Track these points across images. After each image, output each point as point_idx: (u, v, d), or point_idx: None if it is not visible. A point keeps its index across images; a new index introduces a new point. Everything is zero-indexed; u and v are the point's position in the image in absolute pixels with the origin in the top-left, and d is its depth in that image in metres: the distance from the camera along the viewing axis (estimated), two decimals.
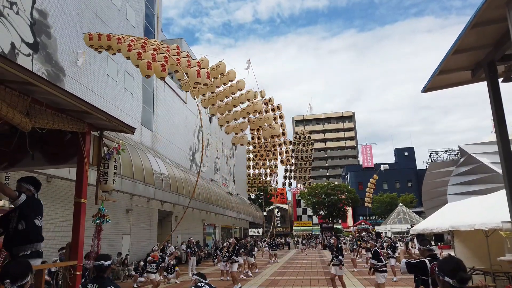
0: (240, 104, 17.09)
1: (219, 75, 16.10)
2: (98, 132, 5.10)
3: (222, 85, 16.43)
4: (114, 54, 14.25)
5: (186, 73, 12.84)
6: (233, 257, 14.74)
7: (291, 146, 40.67)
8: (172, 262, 15.63)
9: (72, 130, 4.45)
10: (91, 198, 5.07)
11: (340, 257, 11.21)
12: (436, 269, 2.70)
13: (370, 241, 12.85)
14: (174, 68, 12.88)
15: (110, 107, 17.80)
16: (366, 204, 47.72)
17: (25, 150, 4.69)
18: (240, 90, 16.59)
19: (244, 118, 17.48)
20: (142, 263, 15.79)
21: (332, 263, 11.39)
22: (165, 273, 15.52)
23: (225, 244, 17.95)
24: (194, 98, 15.85)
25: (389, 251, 16.79)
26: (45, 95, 3.77)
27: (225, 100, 17.16)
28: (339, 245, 11.67)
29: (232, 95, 16.78)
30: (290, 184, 46.04)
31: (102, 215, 5.14)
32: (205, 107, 18.48)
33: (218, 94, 17.03)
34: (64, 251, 6.28)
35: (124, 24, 20.52)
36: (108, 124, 4.86)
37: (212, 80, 16.27)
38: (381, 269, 10.27)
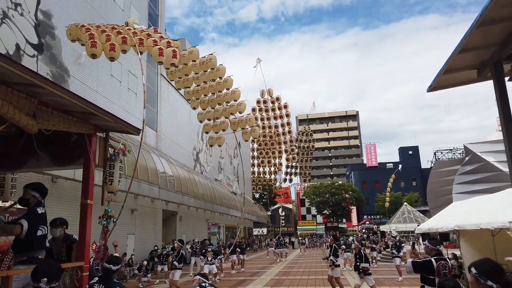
0: (224, 103, 16.46)
1: (209, 69, 15.71)
2: (104, 133, 5.12)
3: (211, 81, 16.06)
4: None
5: (141, 53, 11.70)
6: (175, 262, 12.23)
7: (296, 144, 40.91)
8: (164, 252, 15.81)
9: (78, 131, 4.46)
10: (96, 199, 5.09)
11: (331, 257, 11.13)
12: (475, 271, 2.54)
13: (355, 242, 11.53)
14: (140, 49, 11.61)
15: (114, 107, 17.86)
16: (386, 204, 47.68)
17: (32, 151, 4.72)
18: (228, 88, 16.08)
19: (226, 117, 16.98)
20: (145, 263, 15.90)
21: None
22: (156, 260, 15.76)
23: (208, 246, 16.26)
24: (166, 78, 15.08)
25: (394, 251, 16.75)
26: (51, 97, 3.79)
27: (210, 95, 16.74)
28: (334, 245, 11.38)
29: (219, 92, 16.29)
30: (291, 180, 46.31)
31: (109, 216, 5.16)
32: (188, 100, 18.29)
33: (203, 88, 16.61)
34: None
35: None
36: (113, 125, 4.87)
37: (200, 73, 16.00)
38: (369, 272, 10.04)
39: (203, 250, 16.20)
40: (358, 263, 10.13)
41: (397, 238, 24.21)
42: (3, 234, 4.58)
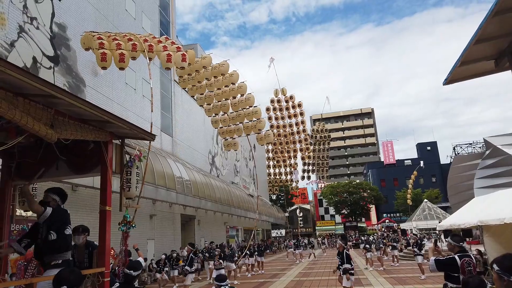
0: (239, 109, 16.55)
1: (221, 75, 15.74)
2: (120, 140, 5.18)
3: (224, 87, 16.08)
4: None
5: (150, 59, 11.71)
6: (187, 267, 12.18)
7: (311, 141, 40.84)
8: (174, 255, 15.81)
9: (95, 139, 4.53)
10: (115, 206, 5.15)
11: (337, 257, 10.84)
12: (497, 268, 2.49)
13: (339, 241, 10.73)
14: (149, 55, 11.51)
15: (129, 114, 18.11)
16: (408, 201, 46.97)
17: (50, 161, 4.81)
18: (242, 95, 16.15)
19: (240, 122, 16.98)
20: (163, 257, 16.04)
21: None
22: (167, 266, 15.83)
23: (216, 250, 15.69)
24: (186, 90, 15.38)
25: (415, 249, 16.47)
26: (68, 106, 3.86)
27: (223, 100, 16.72)
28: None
29: (233, 99, 16.30)
30: (309, 177, 46.03)
31: (127, 221, 5.22)
32: (201, 106, 18.37)
33: (216, 95, 16.63)
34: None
35: (140, 33, 20.82)
36: (129, 132, 4.93)
37: (213, 80, 16.09)
38: (352, 272, 9.59)
39: (211, 254, 16.10)
40: (339, 263, 9.62)
41: (418, 235, 23.79)
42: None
